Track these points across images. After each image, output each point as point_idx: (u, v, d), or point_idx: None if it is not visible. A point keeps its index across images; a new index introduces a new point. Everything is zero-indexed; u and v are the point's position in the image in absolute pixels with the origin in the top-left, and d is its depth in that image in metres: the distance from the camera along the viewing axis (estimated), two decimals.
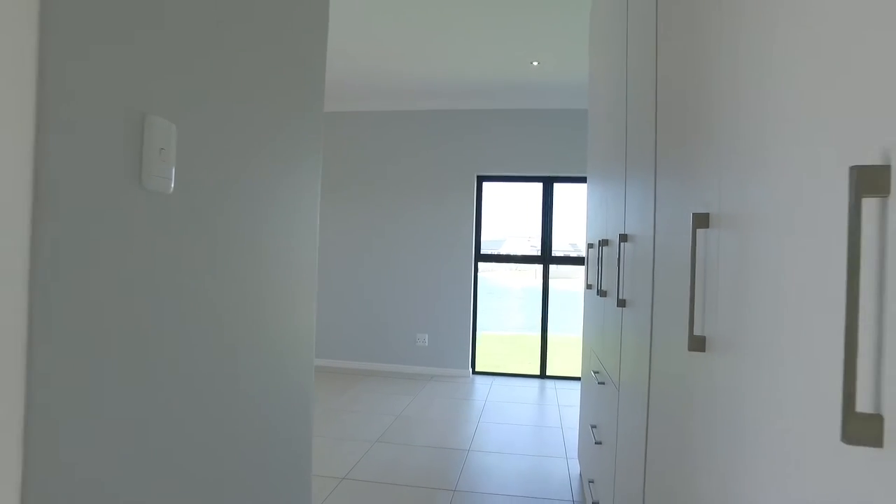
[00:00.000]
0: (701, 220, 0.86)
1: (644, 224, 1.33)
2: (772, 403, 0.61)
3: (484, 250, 5.14)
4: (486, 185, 5.11)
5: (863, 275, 0.46)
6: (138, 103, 0.78)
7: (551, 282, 5.01)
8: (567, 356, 6.89)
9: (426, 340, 4.91)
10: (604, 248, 2.03)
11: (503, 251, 5.51)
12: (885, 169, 0.43)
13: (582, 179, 4.92)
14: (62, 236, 0.67)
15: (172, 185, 0.85)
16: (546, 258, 4.99)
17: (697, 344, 0.84)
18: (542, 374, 4.94)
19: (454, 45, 3.64)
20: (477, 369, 5.07)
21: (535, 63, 3.93)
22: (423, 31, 3.42)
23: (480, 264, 5.10)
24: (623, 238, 1.60)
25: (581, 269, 4.92)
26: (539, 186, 5.01)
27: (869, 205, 0.46)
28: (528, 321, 11.62)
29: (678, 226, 1.02)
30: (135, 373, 0.79)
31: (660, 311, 1.14)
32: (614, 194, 1.85)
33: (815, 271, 0.53)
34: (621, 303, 1.56)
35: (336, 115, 5.13)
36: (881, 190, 0.43)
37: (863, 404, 0.46)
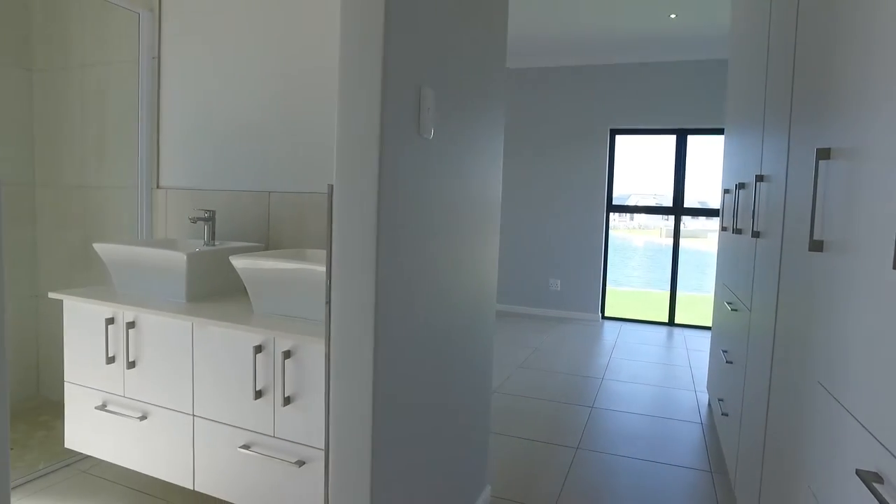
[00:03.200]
0: (823, 153, 1.12)
1: (778, 164, 1.57)
2: (865, 288, 0.90)
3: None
4: (618, 138, 5.25)
5: None
6: (418, 77, 1.20)
7: (671, 240, 5.10)
8: (693, 310, 6.89)
9: (558, 285, 5.27)
10: (740, 190, 2.23)
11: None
12: None
13: (715, 131, 4.89)
14: (386, 165, 1.11)
15: (433, 133, 1.27)
16: (678, 209, 5.07)
17: (817, 246, 1.12)
18: (671, 322, 5.11)
19: (601, 2, 3.82)
20: (606, 315, 5.35)
21: (673, 16, 3.99)
22: None
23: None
24: (759, 178, 1.82)
25: (707, 224, 4.94)
26: (672, 139, 5.05)
27: None
28: (653, 278, 11.47)
29: (807, 163, 1.27)
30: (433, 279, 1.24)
31: (789, 235, 1.40)
32: (752, 140, 2.04)
33: None
34: (755, 234, 1.80)
35: None
36: None
37: None
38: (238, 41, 2.07)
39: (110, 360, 1.67)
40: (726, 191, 2.68)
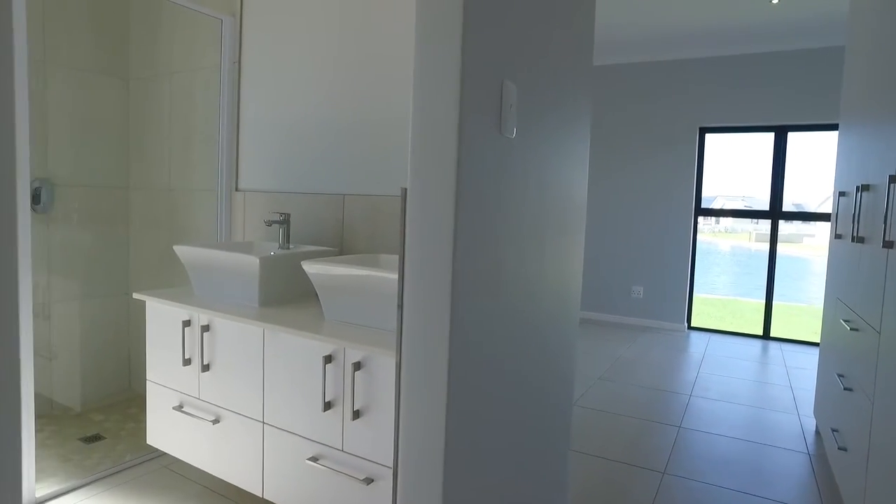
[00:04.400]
0: None
1: None
2: None
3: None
4: (708, 136, 4.90)
5: None
6: (500, 70, 1.10)
7: (762, 245, 4.68)
8: (791, 323, 6.34)
9: (641, 293, 4.98)
10: (863, 193, 1.96)
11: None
12: None
13: (821, 127, 4.44)
14: (465, 166, 1.01)
15: (515, 133, 1.16)
16: (775, 213, 4.66)
17: None
18: (766, 335, 4.70)
19: None
20: (692, 325, 5.00)
21: (775, 1, 3.64)
22: None
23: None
24: (893, 179, 1.57)
25: (803, 228, 4.49)
26: (769, 137, 4.65)
27: None
28: (742, 285, 10.74)
29: None
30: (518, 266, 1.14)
31: None
32: (880, 136, 1.78)
33: None
34: (888, 244, 1.56)
35: None
36: None
37: None
38: (315, 43, 2.05)
39: (186, 361, 1.68)
40: (842, 193, 2.38)
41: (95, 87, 2.58)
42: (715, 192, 5.97)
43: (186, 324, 1.68)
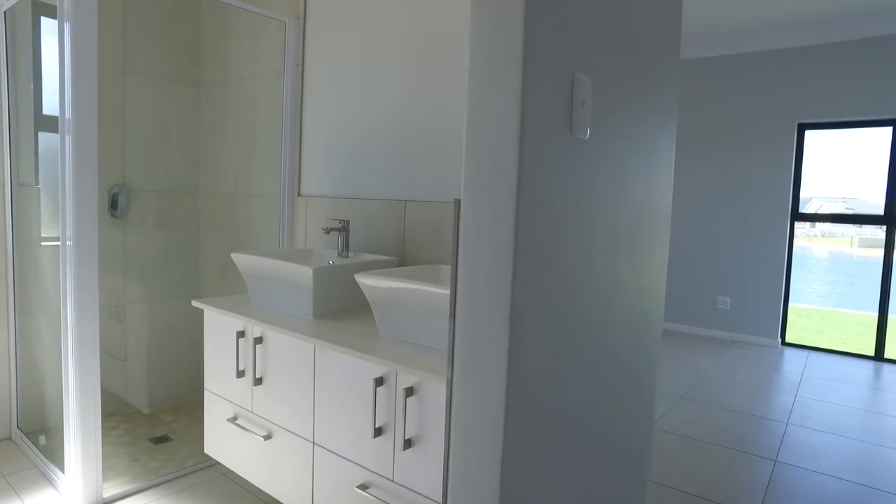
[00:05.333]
0: None
1: None
2: None
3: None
4: (808, 133, 4.43)
5: None
6: (570, 60, 0.94)
7: (867, 251, 4.16)
8: None
9: (728, 303, 4.59)
10: None
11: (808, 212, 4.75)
12: None
13: None
14: (528, 173, 0.86)
15: (588, 133, 1.00)
16: (892, 218, 4.14)
17: None
18: (879, 356, 4.18)
19: None
20: (787, 340, 4.55)
21: None
22: None
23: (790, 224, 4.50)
24: None
25: None
26: (886, 132, 4.14)
27: None
28: (844, 296, 9.82)
29: None
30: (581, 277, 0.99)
31: None
32: None
33: None
34: None
35: None
36: None
37: None
38: (379, 42, 1.96)
39: (240, 373, 1.64)
40: None
41: (169, 95, 2.63)
42: (811, 192, 5.43)
43: (240, 335, 1.63)
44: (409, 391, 1.22)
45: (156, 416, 2.58)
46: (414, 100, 1.85)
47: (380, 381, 1.27)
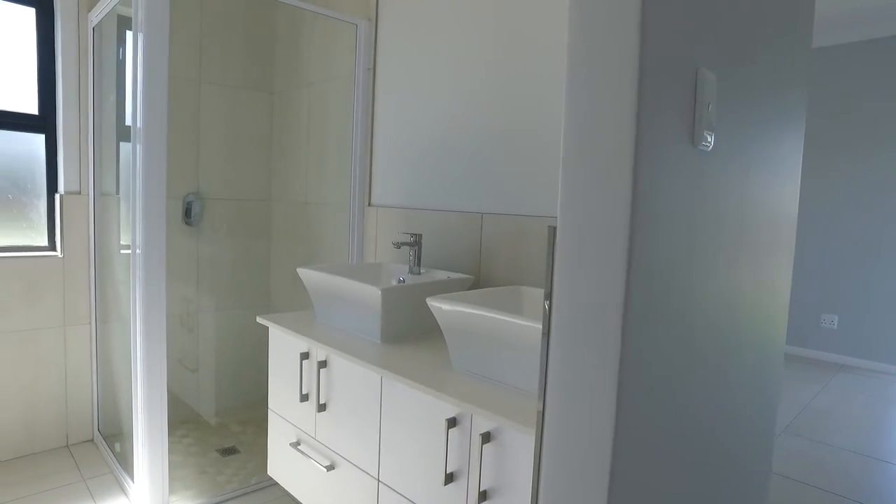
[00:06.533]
0: None
1: None
2: None
3: None
4: None
5: None
6: (692, 54, 0.76)
7: None
8: None
9: (834, 322, 4.11)
10: None
11: None
12: None
13: None
14: (642, 194, 0.69)
15: (713, 142, 0.81)
16: None
17: None
18: None
19: None
20: None
21: None
22: None
23: None
24: None
25: None
26: None
27: None
28: None
29: None
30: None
31: None
32: None
33: None
34: None
35: None
36: None
37: None
38: (452, 44, 1.83)
39: (304, 397, 1.54)
40: None
41: (243, 103, 2.62)
42: None
43: (304, 356, 1.53)
44: (486, 437, 1.07)
45: (225, 426, 2.56)
46: (492, 104, 1.70)
47: (452, 423, 1.13)
